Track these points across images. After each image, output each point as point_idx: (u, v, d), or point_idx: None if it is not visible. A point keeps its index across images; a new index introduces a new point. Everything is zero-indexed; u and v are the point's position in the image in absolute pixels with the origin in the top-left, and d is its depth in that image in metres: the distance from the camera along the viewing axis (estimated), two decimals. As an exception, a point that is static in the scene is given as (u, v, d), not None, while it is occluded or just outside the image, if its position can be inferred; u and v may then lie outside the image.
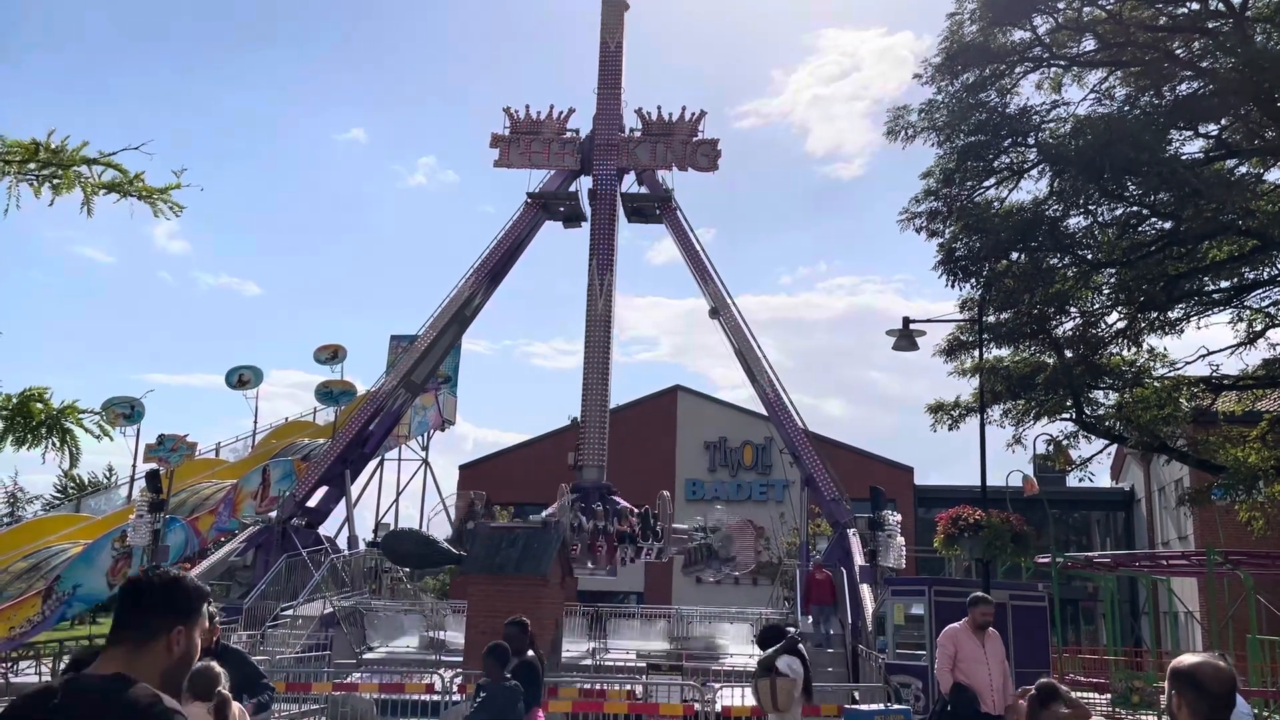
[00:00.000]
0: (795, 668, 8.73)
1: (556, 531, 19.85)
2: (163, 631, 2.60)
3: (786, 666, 8.70)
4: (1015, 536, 17.98)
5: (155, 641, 2.59)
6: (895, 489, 36.99)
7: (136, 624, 2.60)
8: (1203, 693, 3.25)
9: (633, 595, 41.10)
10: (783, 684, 8.55)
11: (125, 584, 2.69)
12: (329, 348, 38.11)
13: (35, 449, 5.45)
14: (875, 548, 21.94)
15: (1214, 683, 3.27)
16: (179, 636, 2.62)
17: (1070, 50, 19.34)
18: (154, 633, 2.59)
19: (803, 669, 8.78)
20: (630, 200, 28.55)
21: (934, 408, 20.86)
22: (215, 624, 7.74)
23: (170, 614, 2.62)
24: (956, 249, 18.66)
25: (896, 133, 19.07)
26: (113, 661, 2.55)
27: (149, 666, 2.56)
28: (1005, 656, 9.64)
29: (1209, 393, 19.86)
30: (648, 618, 28.31)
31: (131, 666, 2.52)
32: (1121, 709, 19.79)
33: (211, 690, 6.17)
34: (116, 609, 2.66)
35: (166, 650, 2.60)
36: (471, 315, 28.68)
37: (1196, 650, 17.52)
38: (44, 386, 5.50)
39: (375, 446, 29.43)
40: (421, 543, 25.10)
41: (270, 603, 21.57)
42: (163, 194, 5.68)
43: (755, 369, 26.36)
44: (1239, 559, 22.08)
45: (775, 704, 8.55)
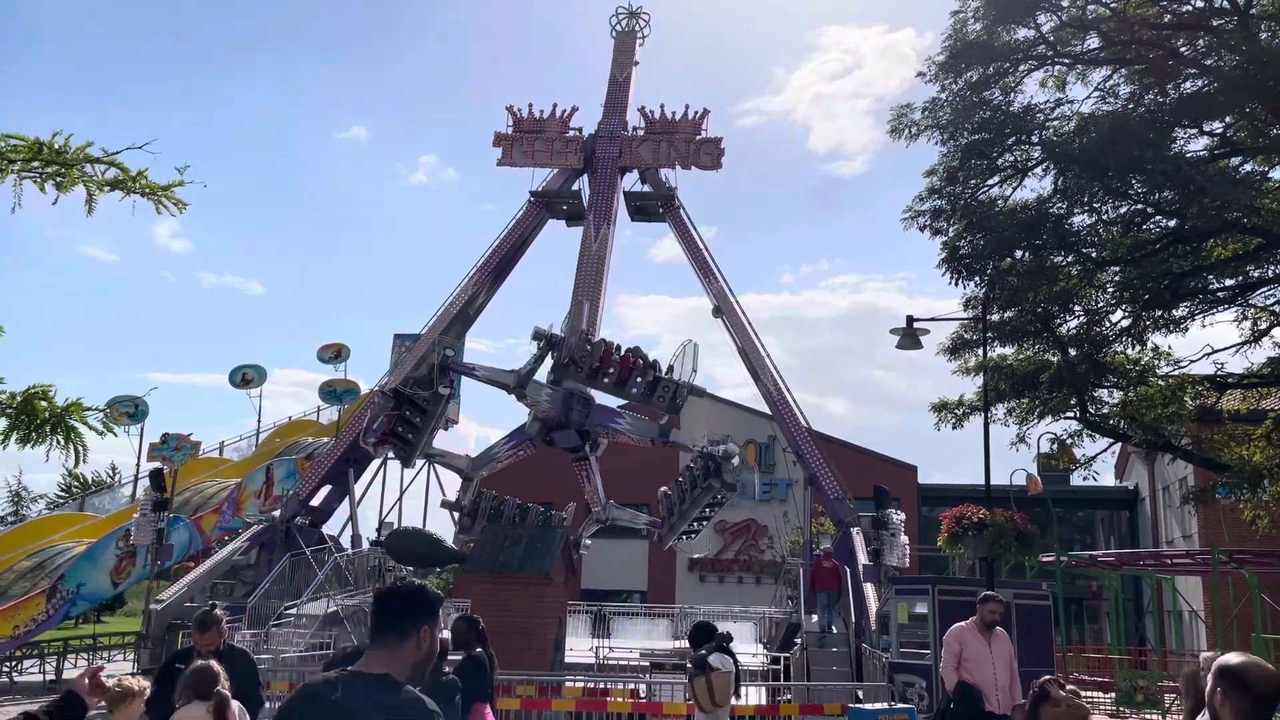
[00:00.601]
0: (727, 664, 8.76)
1: (560, 534, 19.82)
2: (412, 631, 3.13)
3: (719, 662, 8.73)
4: (1019, 535, 17.96)
5: (407, 641, 3.12)
6: (899, 488, 36.94)
7: (391, 627, 3.13)
8: (1248, 692, 3.25)
9: (636, 594, 41.11)
10: (719, 679, 8.57)
11: (377, 595, 3.26)
12: (332, 346, 38.16)
13: (40, 446, 5.45)
14: (879, 546, 21.89)
15: (1260, 682, 3.27)
16: (425, 635, 3.16)
17: (1074, 48, 19.30)
18: (405, 633, 3.12)
19: (734, 667, 8.80)
20: (633, 199, 28.51)
21: (938, 406, 20.84)
22: (224, 626, 7.76)
23: (418, 616, 3.16)
24: (960, 247, 18.64)
25: (900, 131, 19.06)
26: (376, 662, 3.07)
27: (403, 661, 3.09)
28: (1013, 656, 9.61)
29: (1213, 391, 19.81)
30: (651, 616, 28.31)
31: (390, 664, 3.06)
32: (1126, 708, 19.77)
33: (211, 690, 6.17)
34: (373, 616, 3.21)
35: (416, 647, 3.13)
36: (475, 314, 28.66)
37: (1203, 650, 17.46)
38: (48, 384, 5.50)
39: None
40: (425, 542, 25.06)
41: (274, 601, 21.58)
42: (166, 191, 5.67)
43: (758, 367, 26.33)
44: (1244, 558, 22.05)
45: (713, 699, 8.57)
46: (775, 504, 41.01)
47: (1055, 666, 16.39)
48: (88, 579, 25.15)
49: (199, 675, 6.26)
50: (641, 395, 21.77)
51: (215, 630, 7.57)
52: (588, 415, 23.05)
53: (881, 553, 21.76)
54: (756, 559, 41.44)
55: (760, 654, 22.25)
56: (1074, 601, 38.51)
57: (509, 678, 13.66)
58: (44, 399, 5.42)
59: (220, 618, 7.72)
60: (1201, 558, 22.86)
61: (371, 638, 3.18)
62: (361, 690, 2.94)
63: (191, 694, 6.20)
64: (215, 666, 6.36)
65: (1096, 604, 39.89)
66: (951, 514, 18.62)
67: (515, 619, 16.59)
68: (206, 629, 7.57)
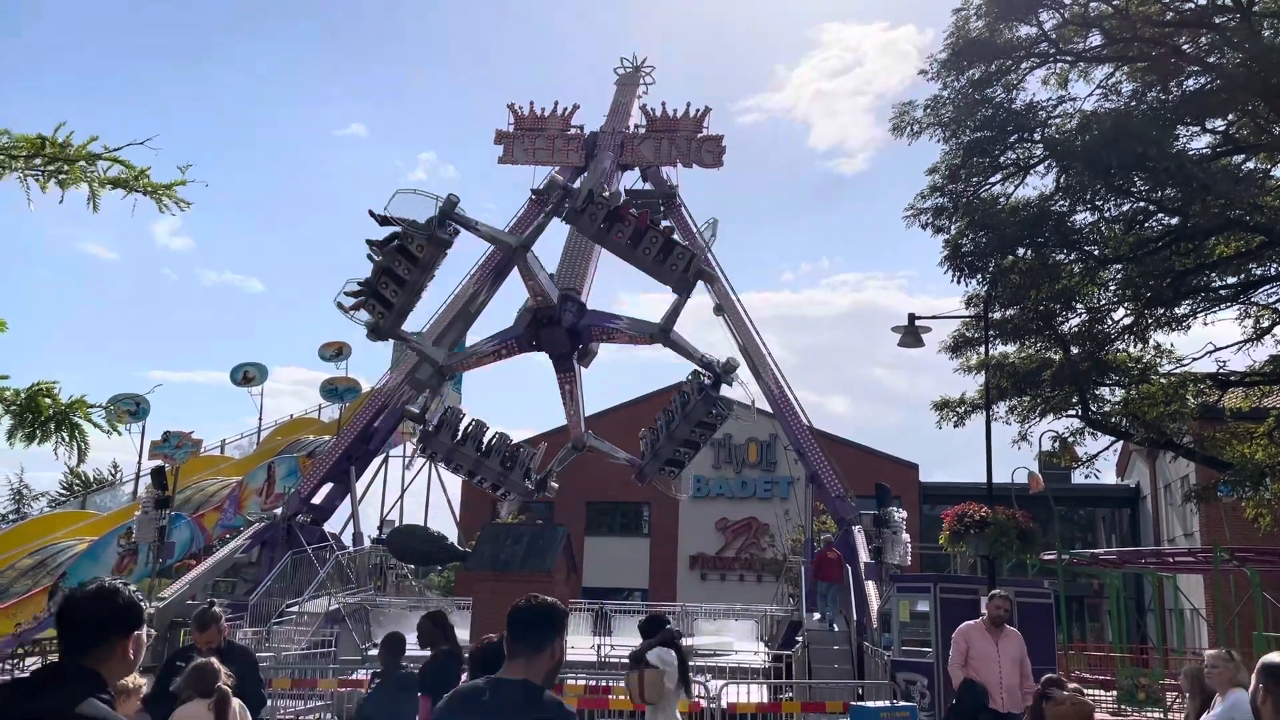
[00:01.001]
0: (668, 659, 8.74)
1: (561, 531, 19.75)
2: (546, 643, 3.52)
3: (657, 659, 8.71)
4: (1021, 533, 17.97)
5: (542, 652, 3.50)
6: (900, 486, 36.92)
7: (528, 639, 3.52)
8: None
9: (637, 592, 41.13)
10: (651, 676, 8.56)
11: (514, 610, 3.62)
12: (333, 345, 38.17)
13: (44, 444, 5.45)
14: (880, 545, 21.90)
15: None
16: (556, 646, 3.55)
17: (1076, 46, 19.29)
18: (540, 645, 3.51)
19: (677, 661, 8.77)
20: (634, 197, 28.50)
21: (939, 404, 20.83)
22: (224, 624, 7.77)
23: (550, 630, 3.55)
24: (963, 245, 18.63)
25: (902, 129, 19.06)
26: (517, 669, 3.49)
27: (539, 669, 3.48)
28: (1023, 655, 9.56)
29: (1215, 389, 19.81)
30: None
31: (529, 671, 3.46)
32: (1127, 706, 19.78)
33: (212, 687, 6.18)
34: (510, 629, 3.58)
35: (550, 657, 3.52)
36: (476, 312, 28.64)
37: (1205, 647, 17.44)
38: (52, 381, 5.50)
39: (380, 443, 29.42)
40: (426, 540, 25.13)
41: (275, 599, 21.60)
42: (168, 190, 5.67)
43: (759, 365, 26.31)
44: (1245, 555, 22.06)
45: (643, 695, 8.58)
46: (776, 502, 41.03)
47: (1057, 665, 16.39)
48: (89, 576, 25.12)
49: (200, 673, 6.27)
50: (654, 259, 19.79)
51: (215, 628, 7.59)
52: (581, 316, 21.43)
53: (883, 551, 21.77)
54: (758, 557, 41.46)
55: (762, 652, 22.25)
56: (1075, 599, 38.50)
57: (511, 675, 13.63)
58: (48, 396, 5.42)
59: (220, 615, 7.74)
60: (1203, 556, 22.86)
61: (510, 648, 3.57)
62: (508, 694, 3.42)
63: (192, 691, 6.20)
64: (216, 664, 6.37)
65: (1098, 602, 39.90)
66: (953, 512, 18.63)
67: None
68: (206, 627, 7.59)
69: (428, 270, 20.17)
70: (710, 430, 21.74)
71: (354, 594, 23.46)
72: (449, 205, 20.02)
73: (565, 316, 21.09)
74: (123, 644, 2.96)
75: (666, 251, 19.46)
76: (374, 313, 20.20)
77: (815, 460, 24.86)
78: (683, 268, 19.56)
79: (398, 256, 19.64)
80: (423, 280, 20.33)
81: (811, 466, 24.91)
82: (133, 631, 2.98)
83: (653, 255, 19.60)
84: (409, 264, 19.70)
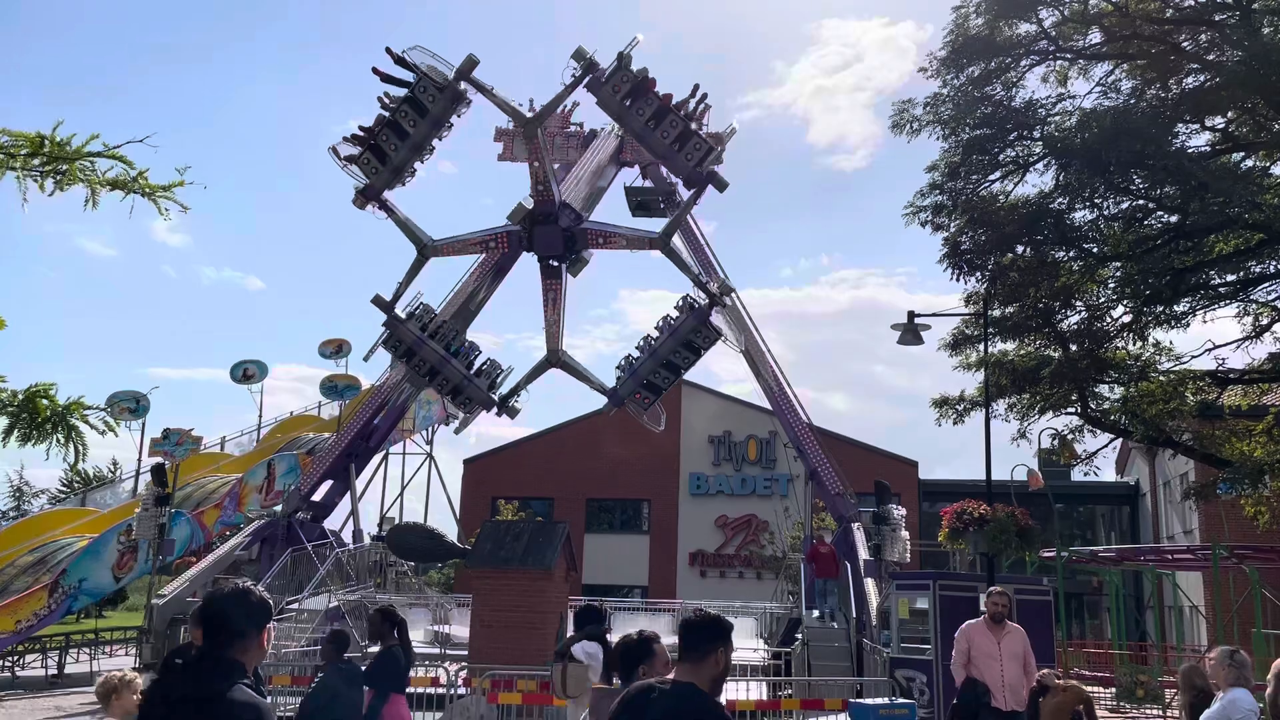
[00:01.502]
0: (594, 653, 8.78)
1: (561, 528, 19.71)
2: (711, 652, 3.88)
3: (582, 653, 8.75)
4: (1020, 531, 17.97)
5: (707, 659, 3.88)
6: (900, 483, 36.93)
7: (696, 648, 3.91)
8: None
9: (637, 589, 41.16)
10: (574, 670, 8.60)
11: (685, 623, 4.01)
12: (333, 342, 38.19)
13: (41, 445, 5.45)
14: (880, 542, 21.92)
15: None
16: (721, 654, 3.90)
17: (1076, 43, 19.27)
18: (706, 654, 3.89)
19: (602, 656, 8.81)
20: (634, 194, 28.53)
21: (939, 402, 20.83)
22: None
23: (715, 640, 3.91)
24: (962, 243, 18.63)
25: (902, 126, 19.05)
26: (685, 673, 3.88)
27: (705, 674, 3.86)
28: (1026, 651, 9.55)
29: (1215, 387, 19.80)
30: (652, 612, 28.32)
31: (696, 676, 3.85)
32: (1126, 703, 19.78)
33: None
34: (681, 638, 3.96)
35: (714, 664, 3.89)
36: (476, 309, 28.66)
37: (1204, 645, 17.38)
38: (50, 382, 5.51)
39: (380, 441, 29.45)
40: (426, 536, 25.14)
41: (275, 596, 21.58)
42: (166, 191, 5.66)
43: (759, 362, 26.34)
44: (1244, 553, 22.07)
45: (565, 689, 8.62)
46: (776, 499, 41.05)
47: (1055, 662, 16.41)
48: (89, 574, 25.19)
49: None
50: (669, 144, 18.87)
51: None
52: (577, 223, 20.37)
53: (882, 548, 21.79)
54: (757, 554, 41.49)
55: (761, 649, 22.27)
56: (1075, 597, 38.53)
57: (510, 672, 13.71)
58: (45, 397, 5.43)
59: None
60: (1202, 553, 22.87)
61: (681, 655, 3.97)
62: (674, 696, 3.82)
63: None
64: None
65: (1097, 599, 39.93)
66: (952, 509, 18.62)
67: (516, 614, 16.62)
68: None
69: (436, 127, 19.13)
70: (694, 355, 20.46)
71: (354, 591, 23.50)
72: (468, 64, 19.16)
73: (562, 218, 20.12)
74: (256, 636, 3.48)
75: (684, 140, 18.55)
76: (367, 167, 19.13)
77: (815, 457, 24.89)
78: (697, 160, 18.68)
79: (405, 108, 18.70)
80: (427, 138, 19.31)
81: (811, 464, 24.94)
82: (264, 625, 3.50)
83: (669, 140, 18.70)
84: (416, 116, 18.77)
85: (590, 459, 41.38)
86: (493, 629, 16.75)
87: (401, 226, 20.37)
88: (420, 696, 13.97)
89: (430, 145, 19.71)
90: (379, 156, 19.02)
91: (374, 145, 19.07)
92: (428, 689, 14.26)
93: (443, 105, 18.83)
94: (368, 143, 19.06)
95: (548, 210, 19.68)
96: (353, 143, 19.47)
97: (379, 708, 8.16)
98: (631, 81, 18.56)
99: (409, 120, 18.75)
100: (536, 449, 45.05)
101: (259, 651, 3.50)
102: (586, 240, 20.60)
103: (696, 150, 18.64)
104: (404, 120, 18.75)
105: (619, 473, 41.57)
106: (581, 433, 42.56)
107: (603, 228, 20.49)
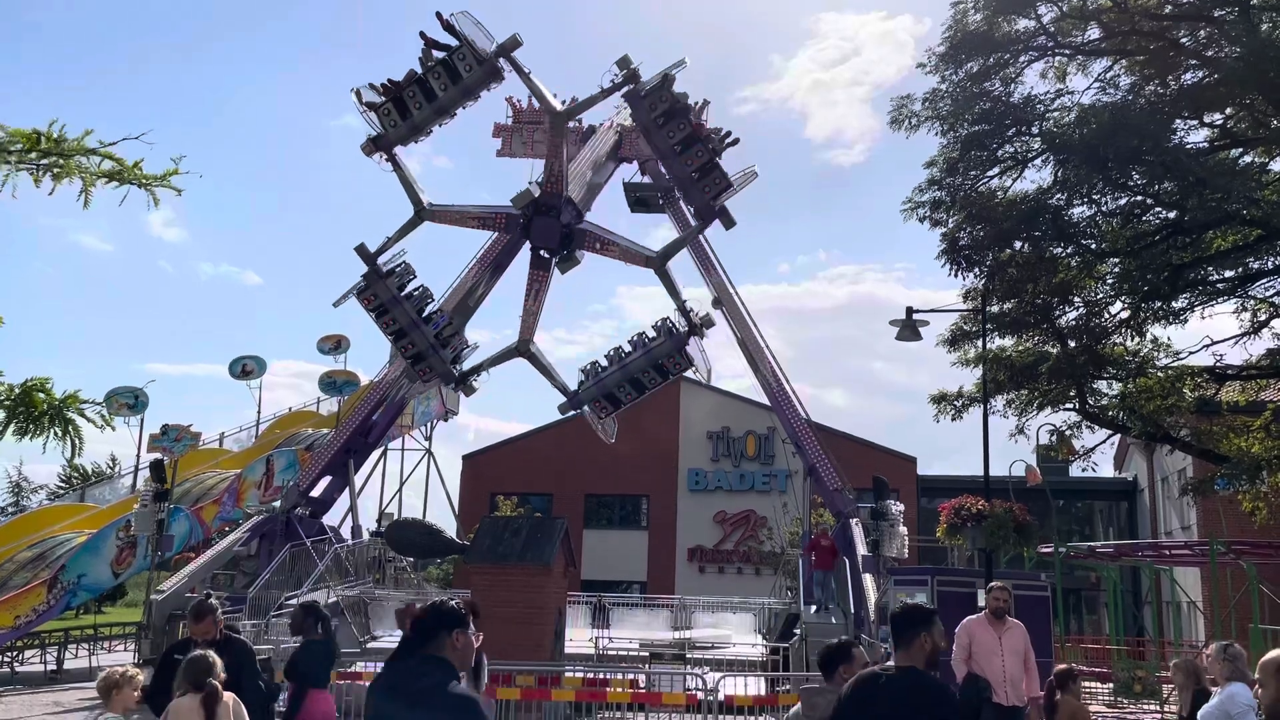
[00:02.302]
0: None
1: (560, 524, 19.72)
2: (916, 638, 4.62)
3: None
4: (1018, 526, 17.99)
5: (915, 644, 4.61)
6: (898, 479, 36.99)
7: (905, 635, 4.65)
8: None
9: (635, 585, 41.22)
10: None
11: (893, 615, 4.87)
12: (332, 338, 38.21)
13: (38, 439, 5.46)
14: (878, 537, 21.96)
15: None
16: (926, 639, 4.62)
17: (1075, 39, 19.26)
18: (913, 640, 4.62)
19: None
20: (633, 190, 28.48)
21: (937, 398, 20.84)
22: (219, 616, 7.78)
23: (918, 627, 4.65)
24: (960, 238, 18.62)
25: (900, 122, 19.03)
26: (902, 658, 4.64)
27: (919, 656, 4.59)
28: (1026, 646, 9.56)
29: (1213, 382, 19.82)
30: (650, 607, 28.38)
31: (911, 660, 4.58)
32: (1124, 698, 19.81)
33: (204, 680, 6.18)
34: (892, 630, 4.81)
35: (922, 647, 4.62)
36: (474, 306, 28.64)
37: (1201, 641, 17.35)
38: (46, 377, 5.52)
39: (379, 436, 29.47)
40: (425, 532, 25.15)
41: (274, 592, 21.65)
42: (162, 181, 5.66)
43: (757, 358, 26.34)
44: (1242, 549, 22.11)
45: None
46: (774, 495, 41.11)
47: (1054, 657, 16.43)
48: (88, 570, 25.20)
49: (192, 665, 6.28)
50: (690, 172, 19.01)
51: (210, 620, 7.59)
52: (578, 220, 20.39)
53: (880, 544, 21.83)
54: (756, 550, 41.56)
55: (759, 644, 22.31)
56: (1072, 592, 38.60)
57: (508, 668, 13.71)
58: (42, 391, 5.43)
59: (215, 607, 7.74)
60: (1200, 549, 22.90)
61: (894, 644, 4.75)
62: (900, 677, 4.54)
63: (186, 685, 6.22)
64: (211, 657, 6.38)
65: (1095, 595, 39.99)
66: (950, 505, 18.64)
67: (515, 609, 16.63)
68: (201, 618, 7.59)
69: (464, 96, 19.01)
70: (661, 379, 20.44)
71: (353, 587, 23.53)
72: (511, 43, 19.22)
73: (565, 213, 20.11)
74: (450, 639, 4.07)
75: (706, 171, 18.69)
76: (386, 118, 18.97)
77: (813, 453, 24.90)
78: (714, 193, 18.86)
79: (439, 70, 18.59)
80: (454, 105, 19.19)
81: (809, 459, 24.96)
82: (454, 629, 4.08)
83: (692, 168, 18.81)
84: (448, 80, 18.66)
85: (589, 455, 41.39)
86: (490, 624, 16.74)
87: (404, 183, 20.17)
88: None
89: (454, 111, 19.54)
90: (400, 110, 18.80)
91: (398, 99, 18.82)
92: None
93: (477, 76, 18.71)
94: (393, 95, 18.77)
95: (551, 202, 19.62)
96: (379, 91, 19.18)
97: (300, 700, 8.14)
98: (670, 103, 18.64)
99: (440, 83, 18.61)
100: (535, 444, 45.08)
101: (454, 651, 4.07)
102: (584, 241, 20.49)
103: (715, 184, 18.84)
104: (435, 81, 18.61)
105: (618, 468, 41.59)
106: (580, 428, 42.41)
107: (601, 234, 20.39)
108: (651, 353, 19.87)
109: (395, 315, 20.31)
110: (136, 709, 6.43)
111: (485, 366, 21.71)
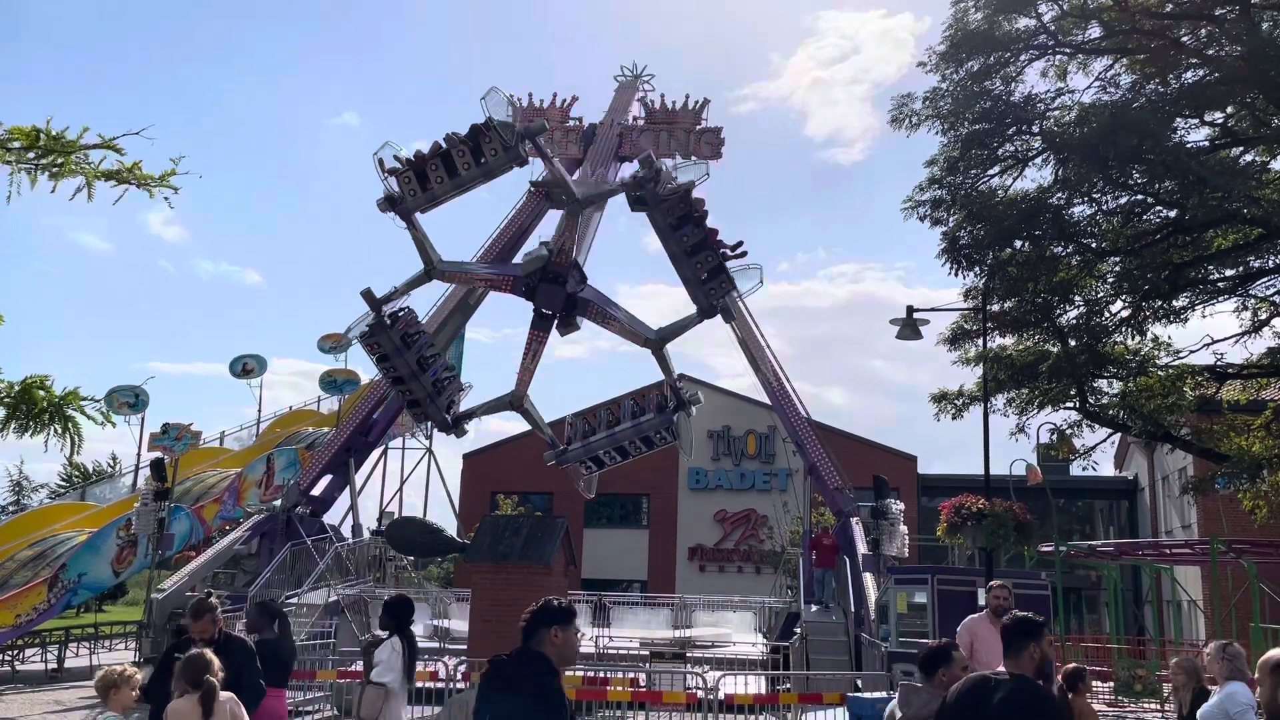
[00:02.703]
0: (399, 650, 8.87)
1: (561, 523, 19.72)
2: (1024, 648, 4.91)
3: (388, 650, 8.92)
4: (1018, 525, 17.99)
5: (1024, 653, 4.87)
6: (898, 478, 37.00)
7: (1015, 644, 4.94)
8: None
9: (636, 584, 41.21)
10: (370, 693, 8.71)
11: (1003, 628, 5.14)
12: (332, 337, 38.16)
13: (38, 436, 5.46)
14: (878, 536, 21.98)
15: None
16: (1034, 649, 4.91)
17: (1076, 37, 19.24)
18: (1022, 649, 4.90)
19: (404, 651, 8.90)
20: (634, 188, 28.47)
21: (937, 397, 20.84)
22: (218, 614, 7.77)
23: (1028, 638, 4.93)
24: (960, 237, 18.60)
25: (901, 121, 19.02)
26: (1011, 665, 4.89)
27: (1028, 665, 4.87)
28: None
29: (1213, 381, 19.82)
30: (651, 606, 28.37)
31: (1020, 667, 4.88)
32: (1124, 697, 19.81)
33: (201, 678, 6.17)
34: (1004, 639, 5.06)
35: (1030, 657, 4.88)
36: (475, 304, 28.68)
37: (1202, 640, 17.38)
38: (46, 374, 5.51)
39: (379, 435, 29.47)
40: (425, 531, 25.16)
41: (275, 591, 21.65)
42: (161, 180, 5.65)
43: (757, 357, 26.36)
44: (1242, 548, 22.09)
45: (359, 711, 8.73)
46: (775, 494, 41.11)
47: (1054, 656, 16.44)
48: (89, 568, 25.21)
49: (189, 664, 6.27)
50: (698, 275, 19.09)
51: (209, 618, 7.57)
52: (581, 288, 20.51)
53: (880, 542, 21.85)
54: (756, 549, 41.57)
55: (760, 643, 22.32)
56: (1073, 591, 38.58)
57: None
58: (42, 388, 5.43)
59: (215, 606, 7.72)
60: (1200, 548, 22.90)
61: (1005, 652, 4.99)
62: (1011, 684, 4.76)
63: (184, 684, 6.21)
64: (207, 655, 6.36)
65: (1095, 594, 39.97)
66: (951, 504, 18.65)
67: (515, 608, 16.60)
68: (199, 616, 7.58)
69: (486, 176, 19.15)
70: (646, 449, 21.19)
71: (353, 585, 23.54)
72: (538, 129, 19.54)
73: (571, 280, 20.26)
74: (550, 635, 4.53)
75: (714, 274, 18.92)
76: (406, 187, 18.87)
77: (813, 452, 24.92)
78: (719, 295, 19.19)
79: (464, 149, 18.64)
80: (474, 183, 19.28)
81: (810, 458, 24.97)
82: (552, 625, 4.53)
83: (699, 271, 19.08)
84: (471, 160, 18.73)
85: (589, 454, 41.36)
86: (491, 623, 16.78)
87: (417, 243, 20.14)
88: (420, 691, 14.00)
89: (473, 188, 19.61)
90: (421, 181, 18.83)
91: (421, 170, 18.85)
92: (427, 683, 14.28)
93: (501, 161, 18.87)
94: (417, 167, 18.84)
95: (562, 272, 19.92)
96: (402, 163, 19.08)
97: None
98: (687, 208, 18.92)
99: (464, 161, 18.68)
100: (536, 443, 44.82)
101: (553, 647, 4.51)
102: (587, 310, 20.67)
103: (721, 286, 18.98)
104: (459, 159, 18.68)
105: (618, 467, 41.52)
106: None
107: (604, 306, 20.57)
108: (640, 426, 20.50)
109: (395, 364, 20.49)
110: (135, 708, 6.43)
111: (478, 413, 22.04)
